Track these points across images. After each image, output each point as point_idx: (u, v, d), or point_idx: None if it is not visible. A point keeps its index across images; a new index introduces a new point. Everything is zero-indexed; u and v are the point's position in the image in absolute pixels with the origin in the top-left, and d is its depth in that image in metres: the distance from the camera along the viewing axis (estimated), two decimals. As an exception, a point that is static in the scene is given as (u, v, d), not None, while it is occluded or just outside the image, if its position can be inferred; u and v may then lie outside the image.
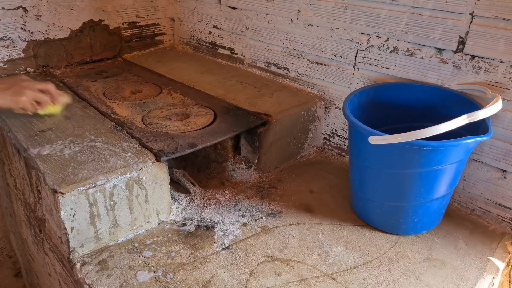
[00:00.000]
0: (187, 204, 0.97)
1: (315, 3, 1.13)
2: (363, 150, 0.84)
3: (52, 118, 1.02)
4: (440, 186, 0.81)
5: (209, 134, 0.97)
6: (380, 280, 0.77)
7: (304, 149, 1.18)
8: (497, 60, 0.85)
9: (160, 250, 0.83)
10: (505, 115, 0.87)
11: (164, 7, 1.59)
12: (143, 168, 0.83)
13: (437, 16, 0.91)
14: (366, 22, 1.03)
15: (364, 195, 0.90)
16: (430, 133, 0.70)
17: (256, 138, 1.03)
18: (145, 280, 0.76)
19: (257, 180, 1.06)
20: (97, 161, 0.84)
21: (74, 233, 0.79)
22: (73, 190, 0.76)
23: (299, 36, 1.20)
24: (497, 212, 0.93)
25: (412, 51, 0.97)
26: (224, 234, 0.88)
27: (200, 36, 1.54)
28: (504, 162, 0.90)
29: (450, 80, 0.93)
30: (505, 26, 0.82)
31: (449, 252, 0.84)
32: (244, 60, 1.40)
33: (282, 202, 0.98)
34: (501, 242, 0.87)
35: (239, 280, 0.76)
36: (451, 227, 0.91)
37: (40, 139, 0.92)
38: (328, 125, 1.20)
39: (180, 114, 1.08)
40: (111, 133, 0.96)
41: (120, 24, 1.50)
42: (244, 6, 1.32)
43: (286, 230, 0.89)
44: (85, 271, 0.78)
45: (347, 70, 1.12)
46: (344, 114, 0.84)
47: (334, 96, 1.17)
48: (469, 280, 0.77)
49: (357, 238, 0.87)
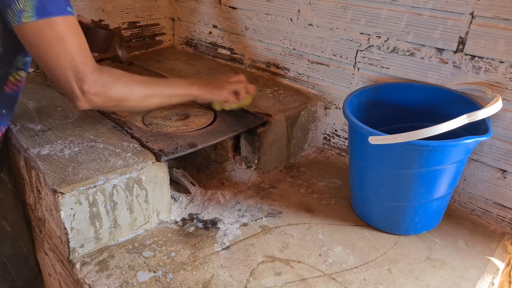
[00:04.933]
0: (187, 204, 0.97)
1: (315, 3, 1.13)
2: (363, 150, 0.84)
3: (48, 119, 1.02)
4: (440, 186, 0.81)
5: (209, 134, 0.97)
6: (380, 280, 0.77)
7: (304, 149, 1.18)
8: (497, 60, 0.85)
9: (160, 250, 0.83)
10: (505, 115, 0.87)
11: (164, 7, 1.59)
12: (143, 168, 0.83)
13: (437, 16, 0.91)
14: (366, 22, 1.03)
15: (364, 195, 0.90)
16: (430, 133, 0.70)
17: (256, 138, 1.03)
18: (145, 280, 0.76)
19: (257, 180, 1.06)
20: (97, 161, 0.84)
21: (74, 233, 0.79)
22: (73, 190, 0.76)
23: (299, 36, 1.20)
24: (497, 212, 0.93)
25: (412, 51, 0.97)
26: (224, 234, 0.88)
27: (200, 36, 1.54)
28: (504, 162, 0.90)
29: (450, 80, 0.93)
30: (505, 26, 0.82)
31: (449, 252, 0.84)
32: (244, 60, 1.40)
33: (282, 202, 0.98)
34: (501, 242, 0.87)
35: (239, 280, 0.76)
36: (451, 227, 0.91)
37: (40, 139, 0.92)
38: (328, 125, 1.20)
39: (180, 114, 1.08)
40: (111, 133, 0.96)
41: (120, 24, 1.50)
42: (244, 6, 1.32)
43: (286, 230, 0.89)
44: (85, 271, 0.78)
45: (347, 70, 1.12)
46: (344, 114, 0.84)
47: (334, 96, 1.17)
48: (469, 280, 0.77)
49: (357, 238, 0.87)
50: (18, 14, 0.73)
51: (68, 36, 0.77)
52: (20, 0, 0.72)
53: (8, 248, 0.99)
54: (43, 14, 0.74)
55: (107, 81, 0.82)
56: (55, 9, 0.75)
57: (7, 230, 0.99)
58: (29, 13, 0.73)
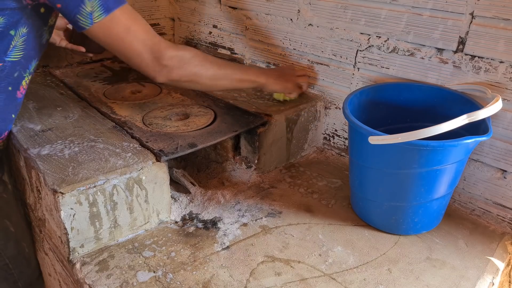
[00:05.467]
0: (187, 204, 0.97)
1: (315, 3, 1.13)
2: (363, 150, 0.84)
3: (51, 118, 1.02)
4: (440, 186, 0.81)
5: (209, 134, 0.97)
6: (380, 280, 0.77)
7: (304, 149, 1.18)
8: (497, 60, 0.85)
9: (160, 250, 0.83)
10: (505, 115, 0.87)
11: (164, 7, 1.59)
12: (143, 168, 0.83)
13: (437, 16, 0.91)
14: (366, 22, 1.03)
15: (364, 195, 0.90)
16: (430, 133, 0.70)
17: (256, 138, 1.03)
18: (145, 280, 0.76)
19: (257, 180, 1.06)
20: (97, 161, 0.84)
21: (74, 233, 0.79)
22: (73, 190, 0.76)
23: (299, 36, 1.20)
24: (497, 212, 0.93)
25: (412, 51, 0.97)
26: (224, 234, 0.88)
27: (200, 36, 1.54)
28: (504, 162, 0.90)
29: (450, 80, 0.93)
30: (505, 26, 0.82)
31: (449, 252, 0.84)
32: (244, 60, 1.40)
33: (282, 202, 0.98)
34: (501, 242, 0.87)
35: (239, 280, 0.76)
36: (451, 227, 0.91)
37: (40, 139, 0.92)
38: (328, 125, 1.20)
39: (180, 114, 1.08)
40: (111, 133, 0.96)
41: (120, 24, 1.49)
42: (244, 6, 1.32)
43: (286, 230, 0.89)
44: (85, 271, 0.78)
45: (347, 70, 1.12)
46: (344, 114, 0.85)
47: (334, 96, 1.17)
48: (469, 280, 0.77)
49: (357, 238, 0.87)
50: (89, 17, 0.76)
51: (132, 24, 0.81)
52: (87, 4, 0.75)
53: (12, 249, 1.00)
54: (108, 10, 0.77)
55: (183, 57, 0.88)
56: (115, 3, 0.78)
57: (10, 230, 0.99)
58: (98, 12, 0.76)
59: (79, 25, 0.78)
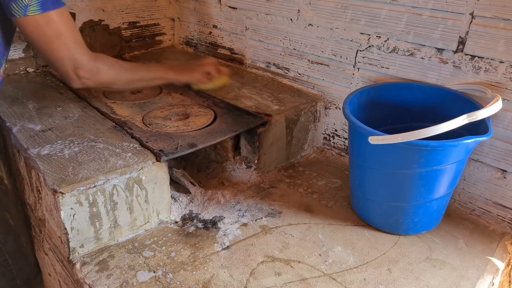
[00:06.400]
0: (187, 204, 0.97)
1: (315, 3, 1.13)
2: (363, 150, 0.84)
3: (50, 117, 1.02)
4: (440, 186, 0.81)
5: (209, 134, 0.97)
6: (380, 280, 0.77)
7: (304, 149, 1.18)
8: (497, 60, 0.85)
9: (160, 250, 0.83)
10: (505, 115, 0.87)
11: (164, 7, 1.59)
12: (143, 168, 0.83)
13: (437, 16, 0.91)
14: (366, 22, 1.03)
15: (364, 195, 0.90)
16: (430, 133, 0.70)
17: (256, 138, 1.03)
18: (145, 280, 0.76)
19: (257, 180, 1.06)
20: (97, 161, 0.84)
21: (74, 233, 0.79)
22: (73, 190, 0.76)
23: (299, 36, 1.20)
24: (497, 212, 0.93)
25: (412, 51, 0.97)
26: (224, 234, 0.88)
27: (200, 36, 1.54)
28: (504, 162, 0.90)
29: (450, 80, 0.93)
30: (505, 26, 0.82)
31: (449, 252, 0.84)
32: (244, 60, 1.40)
33: (282, 202, 0.98)
34: (501, 242, 0.87)
35: (239, 280, 0.76)
36: (451, 227, 0.91)
37: (40, 139, 0.92)
38: (328, 125, 1.20)
39: (180, 114, 1.08)
40: (111, 133, 0.96)
41: (120, 24, 1.50)
42: (244, 6, 1.32)
43: (286, 230, 0.89)
44: (85, 271, 0.78)
45: (347, 70, 1.12)
46: (344, 114, 0.85)
47: (334, 96, 1.17)
48: (469, 280, 0.77)
49: (357, 238, 0.87)
50: (24, 8, 0.78)
51: (64, 30, 0.86)
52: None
53: (11, 243, 1.00)
54: (45, 9, 0.80)
55: (100, 68, 0.95)
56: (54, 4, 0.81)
57: (10, 223, 0.99)
58: (34, 7, 0.79)
59: (10, 11, 0.80)
